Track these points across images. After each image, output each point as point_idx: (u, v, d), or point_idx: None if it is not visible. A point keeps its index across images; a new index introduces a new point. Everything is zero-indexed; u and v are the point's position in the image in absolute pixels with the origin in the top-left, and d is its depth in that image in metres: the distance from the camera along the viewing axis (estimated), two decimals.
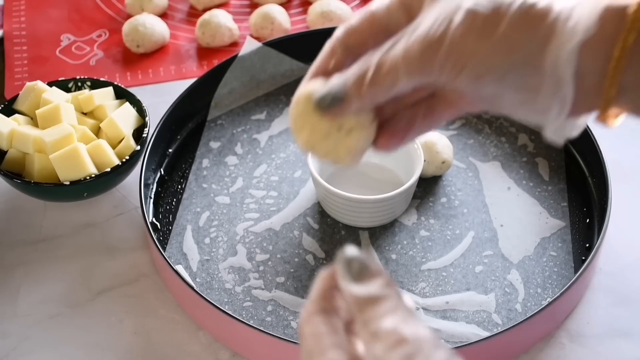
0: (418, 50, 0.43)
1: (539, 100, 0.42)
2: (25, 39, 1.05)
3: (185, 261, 0.77)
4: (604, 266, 0.76)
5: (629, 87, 0.41)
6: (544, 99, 0.42)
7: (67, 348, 0.72)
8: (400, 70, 0.44)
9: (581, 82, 0.41)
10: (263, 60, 0.93)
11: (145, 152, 0.81)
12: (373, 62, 0.45)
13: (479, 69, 0.42)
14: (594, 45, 0.40)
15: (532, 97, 0.42)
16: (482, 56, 0.42)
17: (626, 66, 0.40)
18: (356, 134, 0.50)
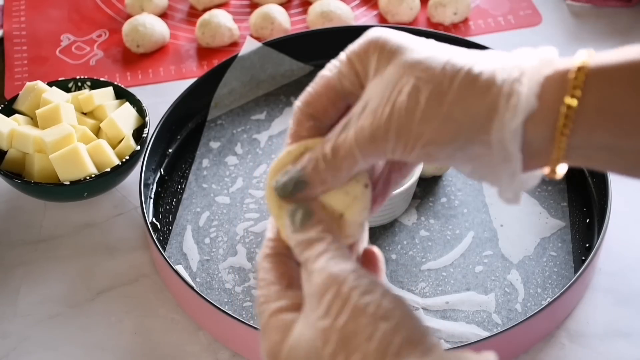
0: (368, 134, 0.44)
1: (490, 170, 0.43)
2: (25, 39, 1.05)
3: (185, 261, 0.77)
4: (604, 266, 0.76)
5: (575, 147, 0.41)
6: (494, 168, 0.43)
7: (67, 348, 0.72)
8: (356, 154, 0.44)
9: (529, 149, 0.42)
10: (263, 60, 0.93)
11: (145, 152, 0.81)
12: (328, 148, 0.45)
13: (428, 149, 0.43)
14: (538, 116, 0.41)
15: (483, 167, 0.43)
16: (429, 138, 0.42)
17: (571, 131, 0.40)
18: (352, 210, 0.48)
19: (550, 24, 1.04)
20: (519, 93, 0.41)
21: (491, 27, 1.04)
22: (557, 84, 0.41)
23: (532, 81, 0.41)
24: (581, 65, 0.40)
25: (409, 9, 1.03)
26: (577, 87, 0.40)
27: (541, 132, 0.41)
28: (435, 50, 0.44)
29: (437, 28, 1.03)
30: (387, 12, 1.04)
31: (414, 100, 0.42)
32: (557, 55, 0.43)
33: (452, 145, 0.42)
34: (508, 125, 0.41)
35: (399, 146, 0.43)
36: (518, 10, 1.06)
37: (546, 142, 0.41)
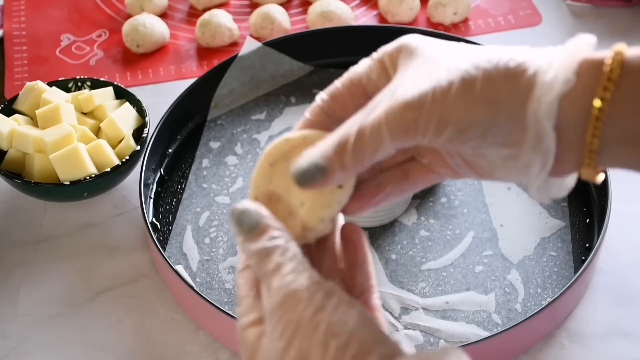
0: (399, 112, 0.43)
1: (522, 156, 0.42)
2: (25, 39, 1.05)
3: (185, 261, 0.77)
4: (604, 266, 0.76)
5: (610, 140, 0.41)
6: (526, 153, 0.42)
7: (67, 348, 0.72)
8: (384, 133, 0.43)
9: (563, 136, 0.41)
10: (263, 60, 0.93)
11: (145, 152, 0.81)
12: (353, 129, 0.44)
13: (461, 124, 0.42)
14: (574, 97, 0.41)
15: (515, 152, 0.42)
16: (463, 112, 0.42)
17: (606, 119, 0.40)
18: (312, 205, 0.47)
19: (550, 24, 1.04)
20: (557, 69, 0.41)
21: (491, 27, 1.04)
22: (593, 67, 0.41)
23: (570, 60, 0.41)
24: (618, 51, 0.40)
25: (409, 9, 1.03)
26: (614, 71, 0.40)
27: (576, 116, 0.41)
28: (462, 45, 0.45)
29: (437, 28, 1.03)
30: (387, 12, 1.04)
31: (449, 80, 0.42)
32: (594, 41, 0.43)
33: (486, 123, 0.42)
34: (544, 98, 0.40)
35: (432, 122, 0.42)
36: (518, 10, 1.06)
37: (580, 130, 0.41)
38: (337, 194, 0.47)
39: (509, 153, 0.42)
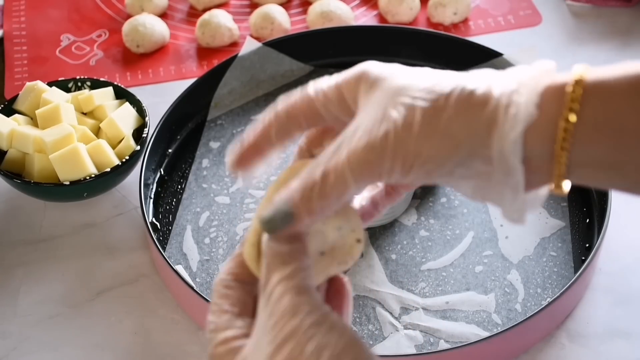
0: (362, 156, 0.42)
1: (492, 187, 0.42)
2: (25, 39, 1.05)
3: (185, 261, 0.77)
4: (604, 266, 0.76)
5: (577, 163, 0.41)
6: (496, 186, 0.42)
7: (67, 348, 0.72)
8: (348, 177, 0.43)
9: (530, 164, 0.41)
10: (263, 60, 0.93)
11: (145, 152, 0.81)
12: (318, 173, 0.43)
13: (427, 167, 0.42)
14: (537, 128, 0.40)
15: (485, 184, 0.42)
16: (427, 155, 0.41)
17: (572, 144, 0.40)
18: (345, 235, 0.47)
19: (550, 24, 1.04)
20: (518, 103, 0.40)
21: (491, 27, 1.04)
22: (555, 96, 0.40)
23: (531, 91, 0.40)
24: (579, 79, 0.40)
25: (409, 9, 1.03)
26: (576, 100, 0.40)
27: (541, 146, 0.41)
28: (423, 74, 0.44)
29: (437, 28, 1.03)
30: (387, 12, 1.04)
31: (410, 117, 0.42)
32: (554, 67, 0.42)
33: (452, 162, 0.41)
34: (508, 135, 0.40)
35: (397, 165, 0.42)
36: (518, 10, 1.06)
37: (547, 157, 0.41)
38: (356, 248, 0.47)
39: (479, 185, 0.43)
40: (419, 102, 0.42)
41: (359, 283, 0.75)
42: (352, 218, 0.47)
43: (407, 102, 0.42)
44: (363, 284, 0.75)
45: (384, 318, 0.72)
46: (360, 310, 0.73)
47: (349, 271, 0.74)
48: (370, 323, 0.72)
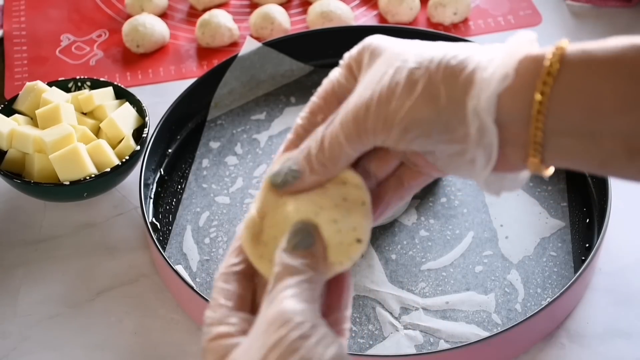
0: (350, 117, 0.45)
1: (467, 152, 0.43)
2: (25, 39, 1.05)
3: (185, 261, 0.77)
4: (604, 266, 0.76)
5: (553, 133, 0.41)
6: (471, 149, 0.43)
7: (67, 348, 0.72)
8: (340, 138, 0.45)
9: (506, 131, 0.42)
10: (263, 60, 0.93)
11: (145, 152, 0.81)
12: (318, 135, 0.47)
13: (404, 123, 0.43)
14: (514, 92, 0.42)
15: (461, 149, 0.44)
16: (406, 111, 0.43)
17: (548, 112, 0.41)
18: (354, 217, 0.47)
19: (550, 24, 1.04)
20: (496, 65, 0.42)
21: (491, 27, 1.04)
22: (533, 63, 0.42)
23: (510, 56, 0.42)
24: (559, 46, 0.41)
25: (409, 9, 1.03)
26: (554, 66, 0.41)
27: (518, 110, 0.42)
28: (419, 44, 0.46)
29: (437, 28, 1.03)
30: (387, 12, 1.04)
31: (394, 81, 0.44)
32: (535, 37, 0.44)
33: (429, 119, 0.43)
34: (483, 94, 0.42)
35: (378, 125, 0.44)
36: (518, 10, 1.06)
37: (523, 123, 0.42)
38: (356, 248, 0.46)
39: (454, 150, 0.44)
40: (406, 64, 0.44)
41: (359, 283, 0.75)
42: (355, 214, 0.46)
43: (396, 64, 0.45)
44: (363, 284, 0.75)
45: (384, 318, 0.72)
46: (360, 310, 0.73)
47: None
48: (370, 323, 0.72)
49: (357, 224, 0.46)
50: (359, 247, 0.45)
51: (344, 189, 0.47)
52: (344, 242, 0.45)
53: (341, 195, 0.47)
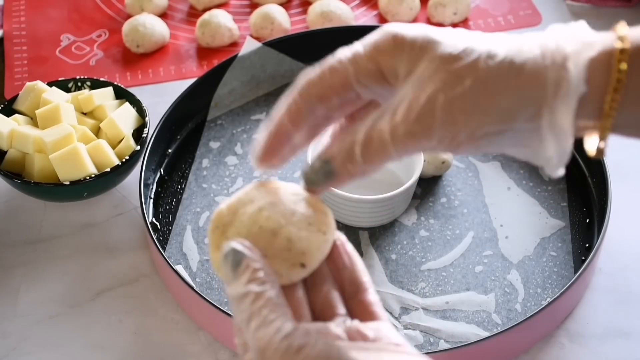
0: (406, 130, 0.42)
1: (540, 154, 0.42)
2: (25, 39, 1.05)
3: (185, 261, 0.77)
4: (604, 266, 0.76)
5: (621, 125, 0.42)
6: (545, 152, 0.42)
7: (67, 348, 0.72)
8: (389, 148, 0.43)
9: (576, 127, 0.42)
10: (263, 60, 0.93)
11: (145, 152, 0.81)
12: (359, 138, 0.44)
13: (477, 141, 0.42)
14: (585, 98, 0.41)
15: (532, 152, 0.43)
16: (476, 128, 0.42)
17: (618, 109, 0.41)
18: None
19: (550, 24, 1.03)
20: (568, 80, 0.41)
21: (491, 27, 1.04)
22: (601, 66, 0.41)
23: (578, 66, 0.41)
24: (622, 48, 0.41)
25: (409, 9, 1.03)
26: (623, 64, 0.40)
27: (588, 112, 0.41)
28: (466, 40, 0.43)
29: None
30: (387, 12, 1.04)
31: (459, 91, 0.41)
32: (590, 32, 0.42)
33: (499, 131, 0.42)
34: (559, 112, 0.41)
35: (445, 140, 0.42)
36: (518, 10, 1.06)
37: (593, 120, 0.42)
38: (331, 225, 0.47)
39: (525, 152, 0.43)
40: (467, 76, 0.41)
41: None
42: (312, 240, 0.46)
43: (454, 76, 0.42)
44: None
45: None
46: None
47: None
48: None
49: (307, 250, 0.46)
50: (300, 272, 0.46)
51: (314, 214, 0.47)
52: (288, 261, 0.45)
53: (308, 219, 0.47)
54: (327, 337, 0.43)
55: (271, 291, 0.43)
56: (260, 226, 0.46)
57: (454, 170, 0.84)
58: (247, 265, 0.43)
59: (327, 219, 0.47)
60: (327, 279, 0.47)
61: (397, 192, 0.76)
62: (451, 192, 0.82)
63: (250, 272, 0.43)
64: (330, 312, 0.46)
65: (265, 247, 0.45)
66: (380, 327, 0.45)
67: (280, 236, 0.46)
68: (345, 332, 0.44)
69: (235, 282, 0.43)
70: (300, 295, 0.46)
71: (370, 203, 0.76)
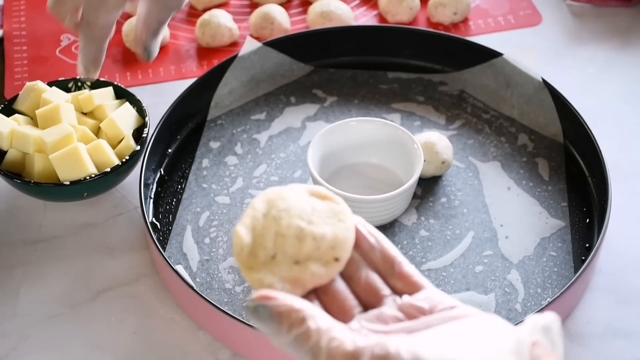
0: None
1: None
2: (25, 39, 1.05)
3: (185, 261, 0.77)
4: (604, 266, 0.76)
5: None
6: None
7: (67, 348, 0.72)
8: None
9: None
10: (263, 60, 0.93)
11: (145, 152, 0.81)
12: None
13: None
14: None
15: None
16: None
17: None
18: None
19: (550, 24, 1.04)
20: None
21: (491, 27, 1.04)
22: None
23: None
24: None
25: (408, 9, 1.03)
26: None
27: None
28: None
29: (437, 28, 1.03)
30: (387, 12, 1.04)
31: None
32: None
33: None
34: None
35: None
36: (518, 10, 1.06)
37: None
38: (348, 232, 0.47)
39: None
40: None
41: None
42: (337, 233, 0.46)
43: None
44: None
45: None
46: None
47: None
48: None
49: (336, 244, 0.46)
50: (336, 266, 0.46)
51: (328, 206, 0.48)
52: (322, 259, 0.46)
53: (325, 213, 0.47)
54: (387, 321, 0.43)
55: (311, 321, 0.42)
56: (283, 235, 0.46)
57: (454, 170, 0.84)
58: (277, 314, 0.42)
59: (342, 207, 0.48)
60: (360, 265, 0.47)
61: (397, 192, 0.76)
62: (451, 192, 0.82)
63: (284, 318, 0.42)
64: (377, 296, 0.46)
65: (295, 254, 0.46)
66: (430, 295, 0.45)
67: (305, 239, 0.46)
68: (400, 312, 0.44)
69: (279, 336, 0.42)
70: (344, 288, 0.46)
71: (370, 203, 0.76)
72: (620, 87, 0.95)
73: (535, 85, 0.87)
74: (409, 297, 0.45)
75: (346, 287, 0.46)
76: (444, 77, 0.94)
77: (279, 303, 0.42)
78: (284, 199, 0.48)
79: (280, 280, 0.45)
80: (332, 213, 0.47)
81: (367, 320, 0.44)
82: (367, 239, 0.48)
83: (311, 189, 0.49)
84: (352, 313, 0.45)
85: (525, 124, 0.88)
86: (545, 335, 0.42)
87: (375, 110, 0.92)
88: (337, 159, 0.83)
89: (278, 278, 0.45)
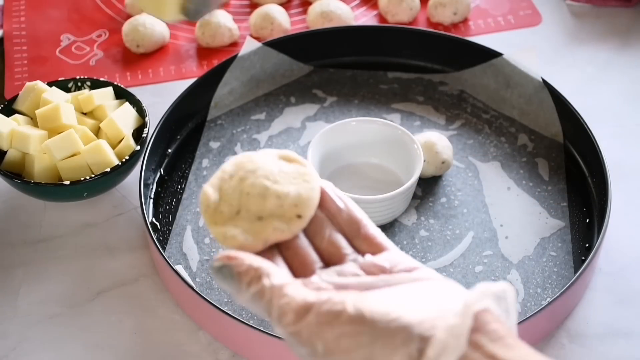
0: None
1: None
2: (25, 39, 1.05)
3: (185, 261, 0.77)
4: (604, 266, 0.76)
5: None
6: None
7: (67, 348, 0.72)
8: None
9: None
10: (263, 60, 0.93)
11: (145, 152, 0.81)
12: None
13: None
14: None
15: None
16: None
17: None
18: None
19: (550, 24, 1.04)
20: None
21: (491, 27, 1.04)
22: None
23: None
24: None
25: (408, 9, 1.03)
26: None
27: None
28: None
29: (437, 28, 1.03)
30: (387, 12, 1.04)
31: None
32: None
33: None
34: None
35: None
36: (518, 10, 1.06)
37: None
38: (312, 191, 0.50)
39: None
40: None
41: None
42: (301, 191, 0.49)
43: None
44: None
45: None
46: None
47: None
48: None
49: (298, 201, 0.48)
50: (298, 222, 0.48)
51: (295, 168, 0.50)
52: (285, 216, 0.48)
53: (290, 174, 0.50)
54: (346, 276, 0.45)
55: (266, 279, 0.44)
56: (247, 193, 0.49)
57: (454, 170, 0.84)
58: (237, 273, 0.45)
59: (307, 169, 0.50)
60: (325, 224, 0.49)
61: (397, 192, 0.76)
62: (451, 192, 0.82)
63: (243, 277, 0.45)
64: (339, 254, 0.48)
65: (259, 210, 0.48)
66: (392, 255, 0.47)
67: (269, 196, 0.48)
68: (361, 269, 0.46)
69: (239, 293, 0.45)
70: (306, 244, 0.48)
71: (370, 203, 0.76)
72: (620, 87, 0.95)
73: (535, 85, 0.87)
74: (371, 256, 0.47)
75: (309, 244, 0.48)
76: (443, 77, 0.94)
77: (239, 263, 0.45)
78: (252, 162, 0.50)
79: (242, 232, 0.48)
80: (298, 174, 0.50)
81: (327, 275, 0.46)
82: (334, 202, 0.49)
83: (280, 153, 0.51)
84: (312, 268, 0.47)
85: (525, 124, 0.88)
86: (499, 303, 0.43)
87: (375, 110, 0.92)
88: (337, 159, 0.83)
89: (240, 230, 0.48)
